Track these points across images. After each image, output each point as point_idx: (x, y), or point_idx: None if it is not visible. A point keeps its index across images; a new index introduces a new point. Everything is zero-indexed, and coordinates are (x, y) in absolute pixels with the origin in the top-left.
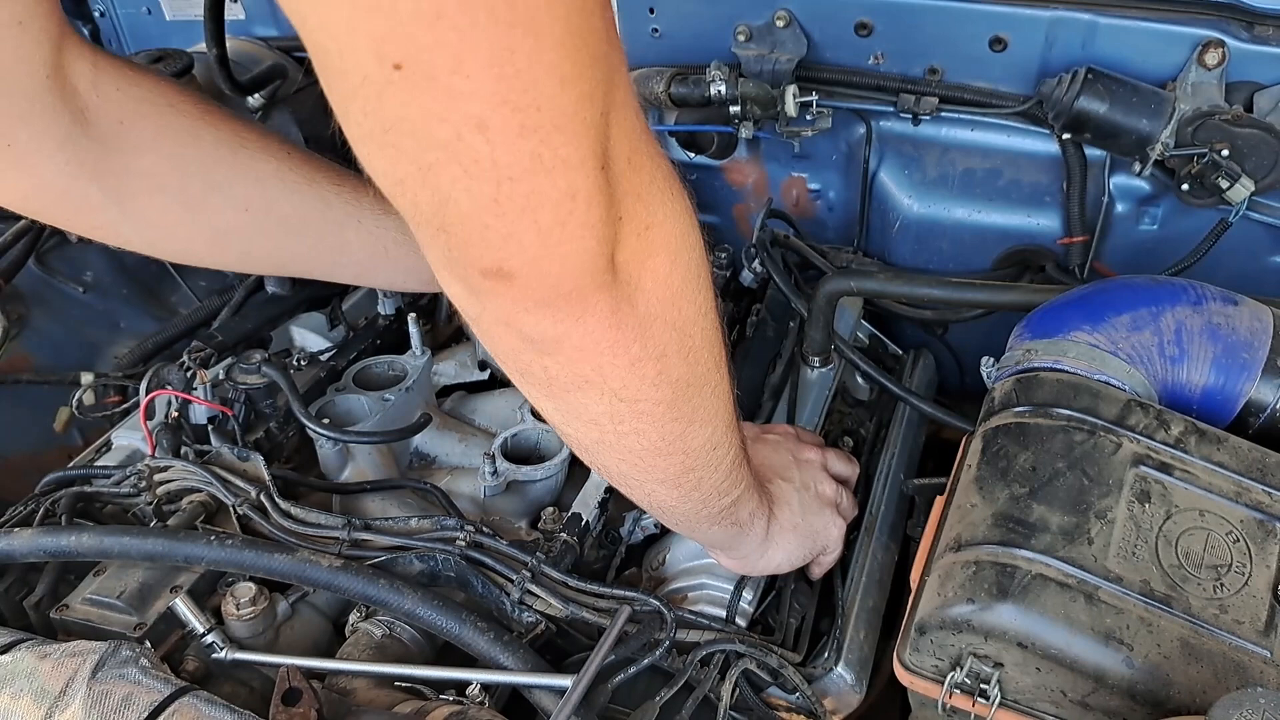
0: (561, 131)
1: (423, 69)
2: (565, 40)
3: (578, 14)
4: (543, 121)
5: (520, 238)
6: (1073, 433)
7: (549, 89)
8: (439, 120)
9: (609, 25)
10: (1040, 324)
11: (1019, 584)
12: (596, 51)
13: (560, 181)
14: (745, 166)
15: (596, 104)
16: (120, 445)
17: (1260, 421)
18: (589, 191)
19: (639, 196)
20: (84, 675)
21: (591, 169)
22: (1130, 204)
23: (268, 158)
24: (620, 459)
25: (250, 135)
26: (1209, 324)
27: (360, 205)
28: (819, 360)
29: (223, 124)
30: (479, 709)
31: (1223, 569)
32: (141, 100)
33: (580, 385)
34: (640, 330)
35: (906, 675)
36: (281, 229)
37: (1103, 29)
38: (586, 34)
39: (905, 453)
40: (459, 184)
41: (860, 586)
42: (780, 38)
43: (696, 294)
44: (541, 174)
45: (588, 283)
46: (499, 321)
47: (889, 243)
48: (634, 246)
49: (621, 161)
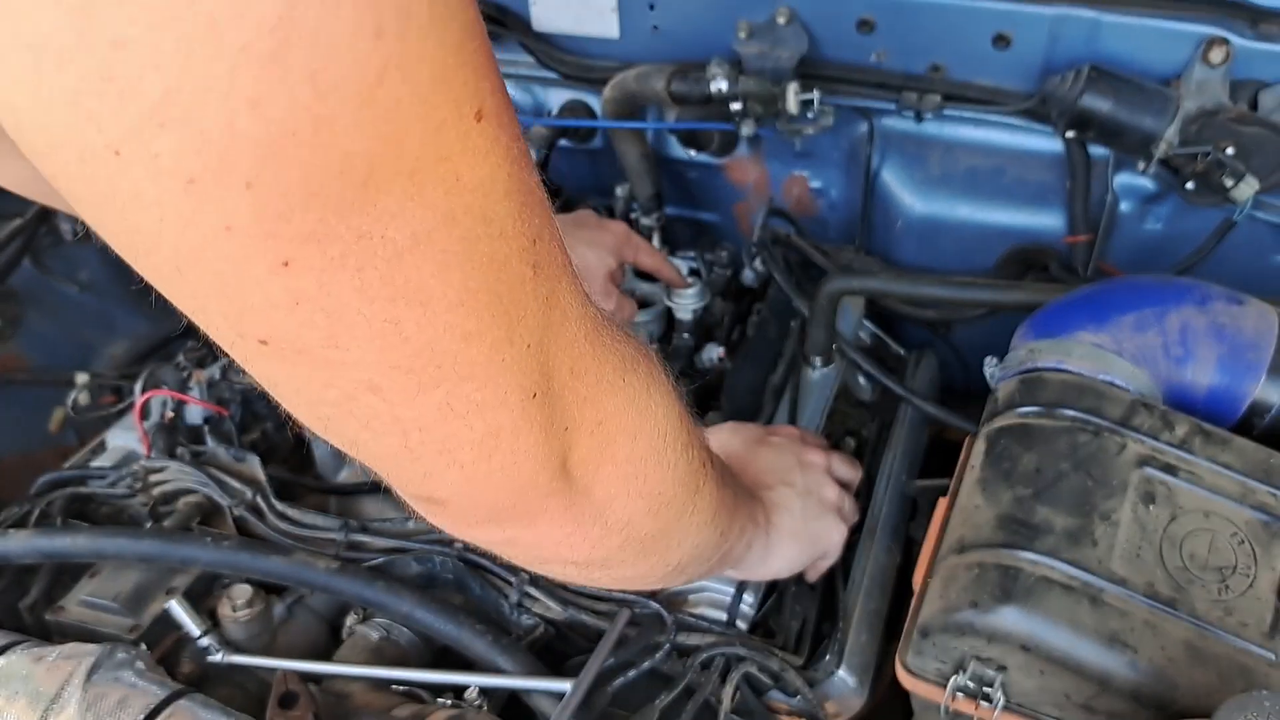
0: (472, 379)
1: (291, 345)
2: (466, 298)
3: (481, 266)
4: (445, 376)
5: (442, 476)
6: (1077, 434)
7: (449, 347)
8: (323, 385)
9: (534, 243)
10: (1044, 324)
11: (1023, 586)
12: (515, 291)
13: (477, 424)
14: (746, 164)
15: (518, 342)
16: (115, 446)
17: (1266, 422)
18: (515, 425)
19: (586, 399)
20: (79, 678)
21: (516, 403)
22: (1134, 203)
23: None
24: (600, 585)
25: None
26: (1214, 324)
27: None
28: (821, 360)
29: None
30: (477, 713)
31: (1228, 571)
32: None
33: (544, 562)
34: (599, 514)
35: (909, 678)
36: None
37: (1106, 26)
38: (497, 280)
39: (908, 454)
40: (362, 435)
41: (862, 589)
42: (782, 35)
43: (664, 454)
44: (455, 420)
45: (532, 496)
46: (448, 529)
47: (891, 242)
48: (587, 445)
49: (563, 375)
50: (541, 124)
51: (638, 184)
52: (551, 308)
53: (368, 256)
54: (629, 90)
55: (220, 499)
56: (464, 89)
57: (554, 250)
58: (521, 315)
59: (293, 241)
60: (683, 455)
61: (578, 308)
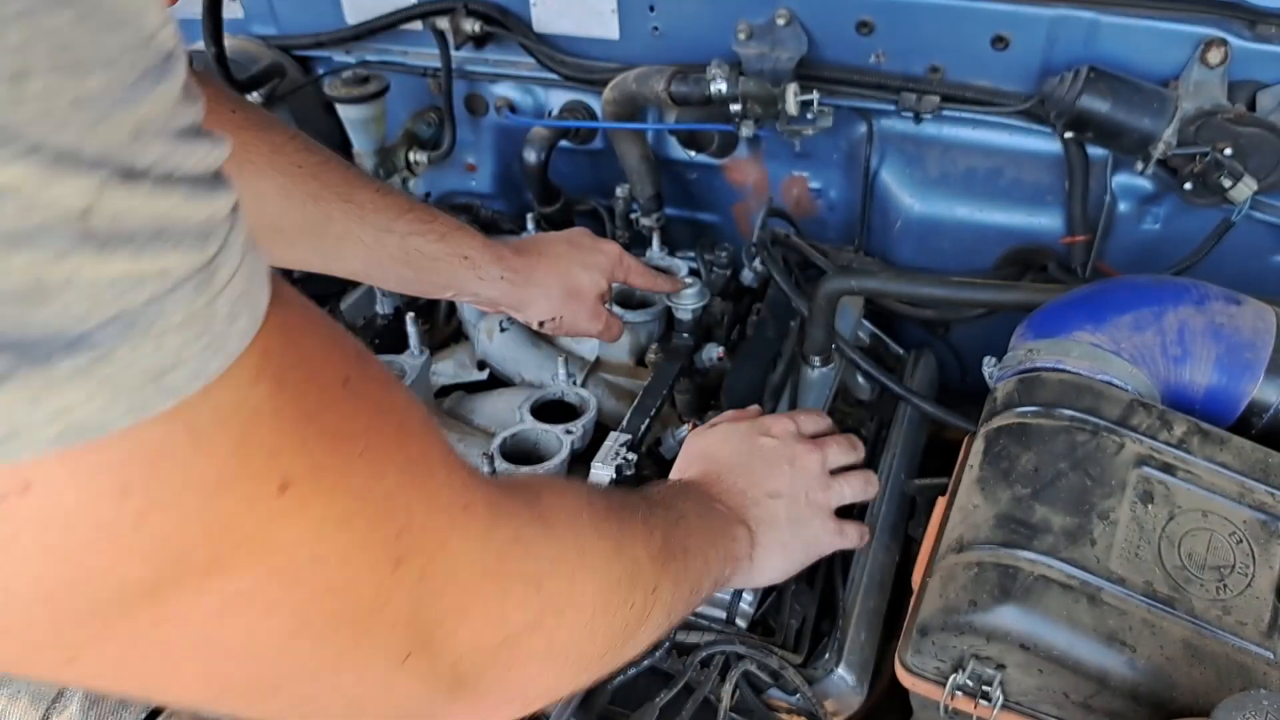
0: (316, 680)
1: None
2: (300, 630)
3: (309, 605)
4: (285, 685)
5: None
6: (1075, 433)
7: (289, 669)
8: None
9: (397, 537)
10: (1042, 324)
11: (1021, 585)
12: (368, 599)
13: (336, 701)
14: (746, 165)
15: (380, 629)
16: None
17: (1264, 422)
18: (383, 689)
19: (482, 631)
20: None
21: (381, 672)
22: (1133, 203)
23: (274, 174)
24: None
25: (257, 149)
26: (1212, 324)
27: (364, 220)
28: (820, 360)
29: (236, 133)
30: None
31: (1226, 570)
32: None
33: None
34: (517, 696)
35: (908, 677)
36: (276, 237)
37: (1105, 27)
38: (338, 607)
39: (907, 453)
40: None
41: (861, 588)
42: (781, 36)
43: (595, 627)
44: (309, 704)
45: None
46: None
47: (890, 242)
48: (486, 664)
49: (449, 624)
50: (542, 125)
51: (638, 185)
52: (427, 578)
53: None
54: (629, 91)
55: None
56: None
57: (431, 523)
58: (380, 608)
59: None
60: (622, 607)
61: (472, 552)
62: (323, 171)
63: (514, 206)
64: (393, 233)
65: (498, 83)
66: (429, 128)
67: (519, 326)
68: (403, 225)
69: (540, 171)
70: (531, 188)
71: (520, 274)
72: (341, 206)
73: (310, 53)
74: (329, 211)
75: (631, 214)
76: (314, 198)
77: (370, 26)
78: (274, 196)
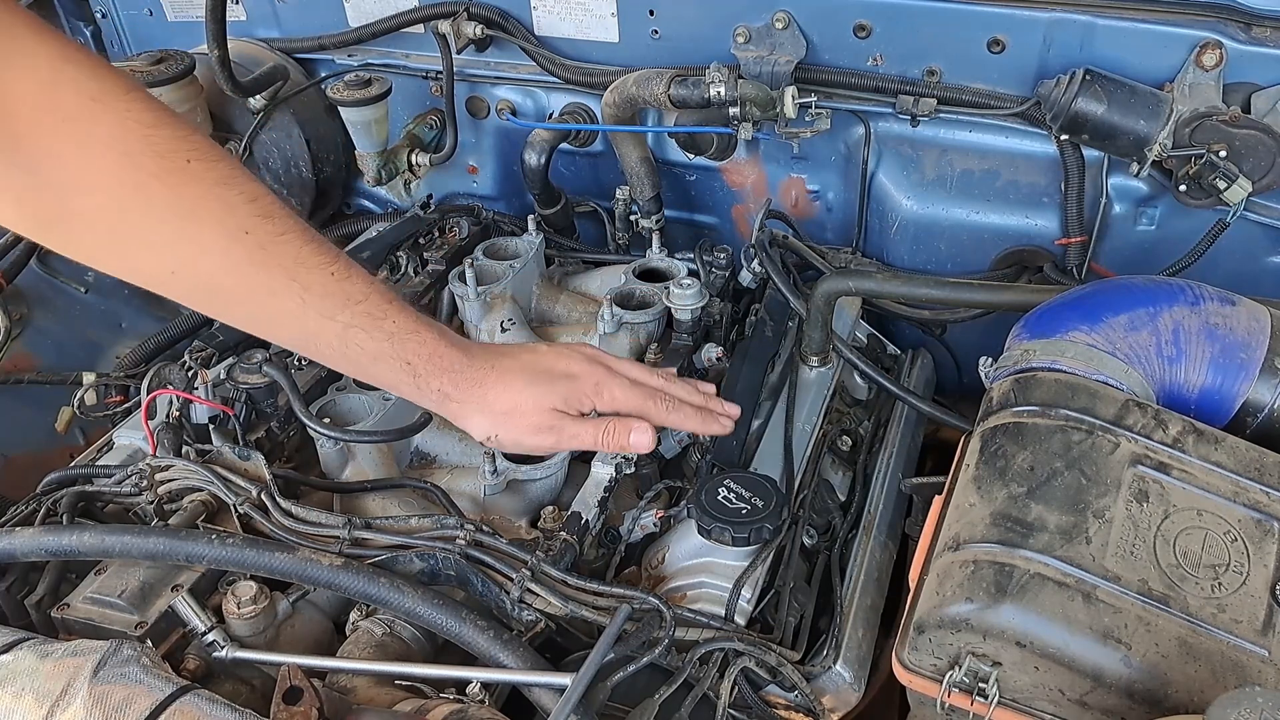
0: None
1: None
2: None
3: None
4: None
5: None
6: (1071, 432)
7: None
8: None
9: None
10: (1038, 324)
11: (1017, 583)
12: None
13: None
14: (744, 167)
15: None
16: (122, 445)
17: (1258, 421)
18: None
19: None
20: (85, 675)
21: None
22: (1128, 205)
23: (220, 234)
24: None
25: (208, 205)
26: (1206, 324)
27: (306, 304)
28: (817, 360)
29: (181, 189)
30: (479, 707)
31: (1220, 568)
32: (85, 143)
33: None
34: None
35: (905, 674)
36: (214, 296)
37: (1101, 30)
38: None
39: (903, 452)
40: None
41: (859, 585)
42: (779, 39)
43: None
44: None
45: None
46: None
47: (887, 243)
48: None
49: None
50: (543, 128)
51: (638, 187)
52: None
53: None
54: (629, 94)
55: (225, 497)
56: None
57: None
58: None
59: None
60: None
61: None
62: (276, 243)
63: (515, 208)
64: (335, 321)
65: (499, 85)
66: (431, 130)
67: (522, 328)
68: (347, 316)
69: (541, 173)
70: (532, 190)
71: (461, 390)
72: (285, 283)
73: (313, 55)
74: (271, 284)
75: (631, 215)
76: (259, 265)
77: (372, 30)
78: (217, 254)
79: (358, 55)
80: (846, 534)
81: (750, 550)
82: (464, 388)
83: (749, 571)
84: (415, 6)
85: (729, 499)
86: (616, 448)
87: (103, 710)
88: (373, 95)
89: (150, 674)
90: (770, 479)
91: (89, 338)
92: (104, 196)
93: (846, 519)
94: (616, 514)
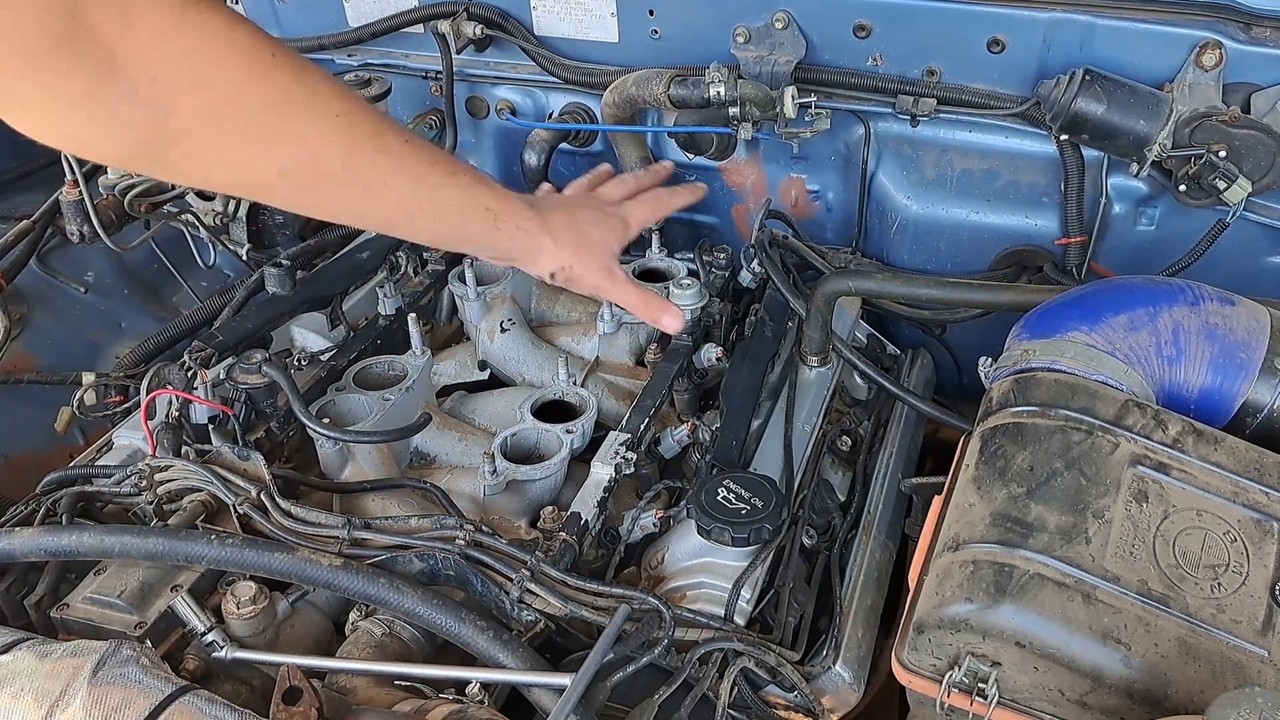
0: None
1: None
2: None
3: None
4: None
5: None
6: (1070, 433)
7: None
8: None
9: None
10: (1038, 324)
11: (1017, 583)
12: None
13: None
14: (744, 167)
15: None
16: (121, 445)
17: (1257, 422)
18: None
19: None
20: (84, 675)
21: None
22: (1128, 205)
23: (310, 119)
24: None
25: (295, 93)
26: (1206, 324)
27: (398, 171)
28: (817, 360)
29: (271, 82)
30: (478, 707)
31: (1220, 569)
32: (180, 54)
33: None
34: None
35: (905, 674)
36: (313, 189)
37: (1100, 30)
38: None
39: (903, 452)
40: None
41: (858, 585)
42: (779, 39)
43: None
44: None
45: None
46: None
47: (887, 243)
48: None
49: None
50: (543, 128)
51: None
52: None
53: None
54: (629, 95)
55: (225, 497)
56: None
57: None
58: None
59: None
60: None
61: None
62: (357, 119)
63: None
64: (423, 183)
65: (499, 85)
66: (431, 130)
67: (522, 328)
68: (433, 176)
69: (541, 173)
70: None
71: (534, 223)
72: (374, 156)
73: (313, 55)
74: (363, 160)
75: None
76: (351, 146)
77: (372, 29)
78: (315, 140)
79: (358, 55)
80: (846, 534)
81: (750, 550)
82: (536, 221)
83: (748, 572)
84: (415, 6)
85: (729, 499)
86: (650, 319)
87: (102, 711)
88: (372, 95)
89: (149, 674)
90: (770, 479)
91: (89, 338)
92: (204, 106)
93: (846, 519)
94: (616, 514)
